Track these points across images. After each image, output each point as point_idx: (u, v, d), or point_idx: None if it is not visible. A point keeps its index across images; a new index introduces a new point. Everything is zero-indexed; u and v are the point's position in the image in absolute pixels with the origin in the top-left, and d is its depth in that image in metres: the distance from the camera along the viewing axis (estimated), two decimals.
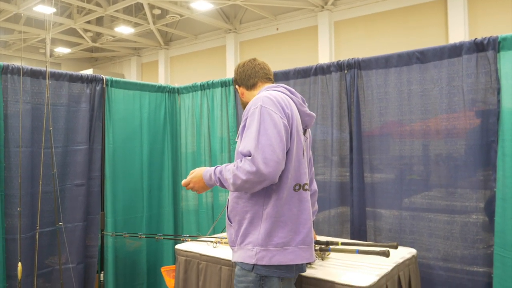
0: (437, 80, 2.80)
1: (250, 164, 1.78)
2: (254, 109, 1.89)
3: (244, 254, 1.92)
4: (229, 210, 2.04)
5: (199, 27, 14.68)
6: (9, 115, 3.03)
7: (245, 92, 2.25)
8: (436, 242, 2.79)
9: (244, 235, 1.94)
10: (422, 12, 10.41)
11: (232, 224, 2.01)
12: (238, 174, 1.81)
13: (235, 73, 2.30)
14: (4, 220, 3.01)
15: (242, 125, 1.94)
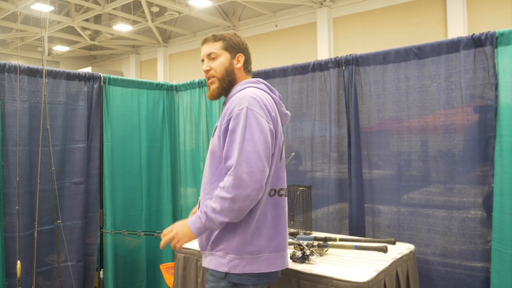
0: (435, 76, 2.80)
1: (232, 179, 1.68)
2: (239, 110, 1.75)
3: (216, 261, 1.84)
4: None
5: (197, 25, 14.66)
6: (7, 113, 3.03)
7: (239, 69, 1.99)
8: (435, 238, 2.79)
9: (216, 241, 1.84)
10: (421, 8, 10.40)
11: None
12: (223, 195, 1.69)
13: (237, 38, 2.03)
14: (3, 219, 3.01)
15: (225, 126, 1.77)
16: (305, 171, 3.53)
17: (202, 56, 2.00)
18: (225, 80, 1.94)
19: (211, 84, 1.96)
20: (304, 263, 2.36)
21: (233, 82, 1.96)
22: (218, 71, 1.94)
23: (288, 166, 3.51)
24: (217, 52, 1.95)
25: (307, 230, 3.05)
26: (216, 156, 1.83)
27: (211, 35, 1.99)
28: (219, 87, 1.95)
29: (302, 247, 2.41)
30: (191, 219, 1.80)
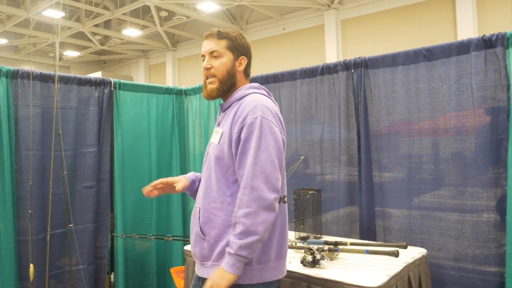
0: (445, 77, 2.78)
1: (249, 191, 1.64)
2: (253, 119, 1.71)
3: None
4: (202, 221, 1.82)
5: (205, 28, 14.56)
6: (20, 118, 3.07)
7: (240, 72, 1.92)
8: (447, 242, 2.76)
9: (222, 253, 1.75)
10: (429, 8, 10.34)
11: (207, 238, 1.79)
12: (244, 212, 1.64)
13: (243, 39, 1.93)
14: (16, 222, 3.05)
15: (237, 135, 1.73)
16: (314, 174, 3.52)
17: (204, 52, 1.90)
18: (226, 83, 1.87)
19: (210, 84, 1.87)
20: (315, 267, 2.35)
21: (233, 85, 1.89)
22: (219, 71, 1.86)
23: (296, 170, 3.50)
24: (220, 51, 1.86)
25: (317, 234, 3.04)
26: (223, 163, 1.78)
27: (217, 31, 1.88)
28: (219, 89, 1.87)
29: (312, 251, 2.41)
30: (222, 262, 1.69)
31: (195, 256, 1.88)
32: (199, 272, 1.87)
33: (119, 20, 15.06)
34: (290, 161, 3.63)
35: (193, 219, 1.89)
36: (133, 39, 15.57)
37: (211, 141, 1.89)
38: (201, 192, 1.86)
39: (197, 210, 1.86)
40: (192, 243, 1.88)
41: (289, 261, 2.48)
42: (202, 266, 1.84)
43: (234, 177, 1.77)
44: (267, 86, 3.77)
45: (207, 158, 1.90)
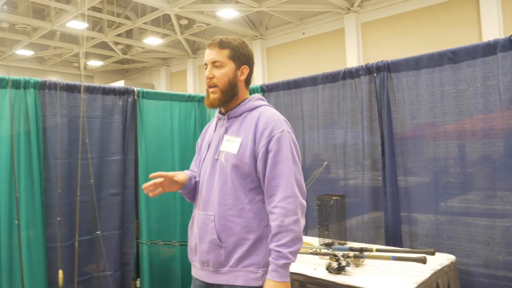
0: (471, 80, 2.73)
1: (293, 200, 1.72)
2: (280, 133, 1.79)
3: (247, 276, 1.78)
4: (219, 229, 1.82)
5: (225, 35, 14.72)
6: (48, 128, 3.14)
7: (242, 81, 1.95)
8: (476, 248, 2.70)
9: (243, 257, 1.79)
10: (452, 9, 10.16)
11: (224, 245, 1.81)
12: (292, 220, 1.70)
13: (245, 48, 1.95)
14: (45, 229, 3.12)
15: (265, 148, 1.78)
16: (337, 179, 3.50)
17: (206, 61, 1.93)
18: (228, 93, 1.89)
19: (212, 93, 1.90)
20: (340, 274, 2.33)
21: (235, 95, 1.92)
22: (221, 81, 1.88)
23: (320, 175, 3.49)
24: (222, 61, 1.89)
25: (341, 240, 3.01)
26: (241, 172, 1.81)
27: (219, 40, 1.91)
28: (221, 99, 1.89)
29: (337, 257, 2.39)
30: (271, 276, 1.71)
31: (206, 264, 1.87)
32: (211, 279, 1.87)
33: (140, 29, 15.32)
34: (312, 166, 3.62)
35: (203, 227, 1.88)
36: (154, 48, 15.81)
37: (224, 149, 1.87)
38: (215, 200, 1.85)
39: (210, 218, 1.85)
40: (204, 251, 1.87)
41: (314, 268, 2.46)
42: (216, 273, 1.85)
43: (251, 185, 1.82)
44: (288, 91, 3.78)
45: (218, 166, 1.87)
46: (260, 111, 1.88)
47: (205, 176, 1.93)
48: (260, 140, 1.79)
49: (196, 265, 1.94)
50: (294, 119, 3.75)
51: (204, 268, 1.89)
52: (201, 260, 1.89)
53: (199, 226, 1.90)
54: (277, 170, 1.75)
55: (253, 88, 4.00)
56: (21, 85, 3.03)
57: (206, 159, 1.96)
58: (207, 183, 1.91)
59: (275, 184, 1.74)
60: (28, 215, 2.99)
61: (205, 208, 1.89)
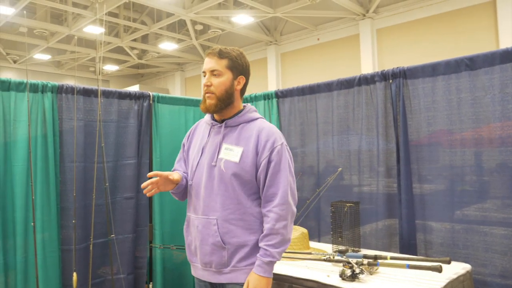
0: (489, 87, 2.70)
1: (286, 207, 1.89)
2: (280, 146, 1.95)
3: (247, 274, 1.93)
4: (222, 232, 1.94)
5: (240, 40, 14.90)
6: (64, 132, 3.19)
7: (238, 91, 2.04)
8: (493, 258, 2.65)
9: (245, 257, 1.94)
10: (469, 15, 10.05)
11: (226, 246, 1.94)
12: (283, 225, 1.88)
13: (243, 59, 2.04)
14: (60, 232, 3.15)
15: (268, 159, 1.92)
16: (350, 186, 3.48)
17: (205, 69, 2.02)
18: (224, 101, 1.99)
19: (209, 99, 1.99)
20: (354, 281, 2.31)
21: (231, 103, 2.02)
22: (218, 90, 1.97)
23: (334, 181, 3.47)
24: (220, 70, 1.98)
25: (355, 247, 2.98)
26: (242, 179, 1.93)
27: (218, 50, 2.00)
28: (216, 105, 1.99)
29: (351, 265, 2.37)
30: (256, 270, 1.88)
31: (209, 265, 1.98)
32: (215, 279, 2.00)
33: (156, 35, 15.48)
34: (326, 172, 3.60)
35: (205, 230, 1.97)
36: (170, 53, 15.95)
37: (224, 157, 1.96)
38: (217, 204, 1.95)
39: (212, 221, 1.95)
40: (206, 253, 1.97)
41: (328, 275, 2.45)
42: (219, 273, 1.98)
43: (251, 190, 1.96)
44: (303, 97, 3.78)
45: (217, 172, 1.96)
46: (259, 124, 2.01)
47: (201, 181, 2.01)
48: (263, 152, 1.93)
49: (197, 265, 2.05)
50: (309, 125, 3.75)
51: (207, 269, 2.00)
52: (203, 262, 2.00)
53: (200, 230, 1.99)
54: (276, 179, 1.91)
55: (268, 93, 4.00)
56: (39, 89, 3.08)
57: (201, 164, 2.04)
58: (205, 188, 1.99)
59: (273, 192, 1.91)
60: (43, 218, 3.03)
61: (205, 213, 1.98)
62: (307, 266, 2.68)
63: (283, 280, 2.52)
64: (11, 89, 2.97)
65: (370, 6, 11.46)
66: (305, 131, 3.79)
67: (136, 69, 19.63)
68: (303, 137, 3.80)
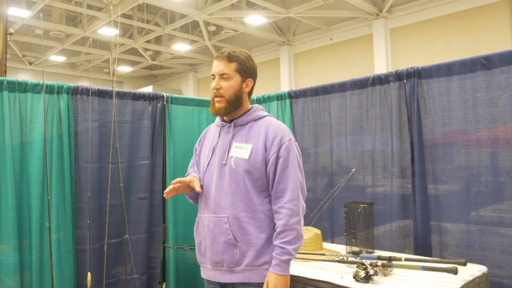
0: (505, 86, 2.65)
1: (296, 203, 1.91)
2: (288, 142, 1.97)
3: (261, 274, 1.94)
4: (233, 229, 1.96)
5: (253, 41, 14.92)
6: (79, 132, 3.22)
7: (246, 93, 2.09)
8: (510, 260, 2.61)
9: (257, 256, 1.95)
10: (484, 14, 9.90)
11: (239, 244, 1.95)
12: (295, 220, 1.89)
13: (251, 62, 2.10)
14: (75, 232, 3.19)
15: (276, 155, 1.94)
16: (364, 186, 3.45)
17: (214, 72, 2.06)
18: (233, 104, 2.03)
19: (218, 102, 2.04)
20: (368, 283, 2.29)
21: (240, 105, 2.06)
22: (228, 93, 2.02)
23: (347, 182, 3.45)
24: (230, 74, 2.02)
25: (369, 249, 2.96)
26: (253, 176, 1.96)
27: (227, 53, 2.03)
28: (226, 108, 2.03)
29: (365, 266, 2.35)
30: (274, 269, 1.89)
31: (220, 264, 1.99)
32: (226, 279, 1.99)
33: (169, 36, 15.58)
34: (340, 173, 3.58)
35: (216, 228, 1.99)
36: (183, 54, 16.04)
37: (234, 155, 1.99)
38: (227, 202, 1.97)
39: (223, 219, 1.97)
40: (218, 251, 1.98)
41: (341, 276, 2.43)
42: (231, 272, 1.98)
43: (262, 188, 1.98)
44: (316, 97, 3.76)
45: (227, 170, 1.99)
46: (267, 121, 2.05)
47: (212, 180, 2.04)
48: (271, 148, 1.96)
49: (207, 266, 2.05)
50: (322, 125, 3.73)
51: (218, 268, 2.00)
52: (214, 261, 2.00)
53: (211, 229, 2.01)
54: (285, 175, 1.93)
55: (281, 94, 4.00)
56: (54, 90, 3.12)
57: (211, 164, 2.07)
58: (216, 186, 2.01)
59: (283, 187, 1.92)
60: (58, 218, 3.07)
61: (216, 211, 2.00)
62: (320, 267, 2.67)
63: (296, 281, 2.51)
64: (27, 90, 3.02)
65: (384, 6, 11.38)
66: (318, 132, 3.77)
67: (149, 70, 19.78)
68: (316, 137, 3.79)
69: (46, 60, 16.26)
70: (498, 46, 3.50)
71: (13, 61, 16.28)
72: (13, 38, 14.07)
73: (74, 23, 14.55)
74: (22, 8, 11.53)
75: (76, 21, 14.48)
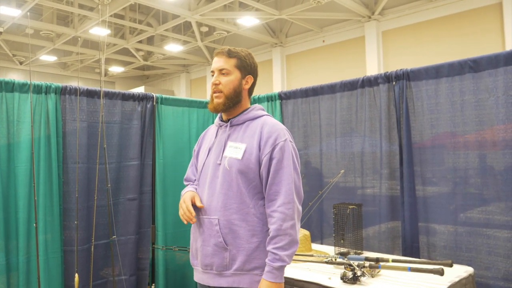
0: (492, 89, 2.68)
1: (291, 206, 1.82)
2: (283, 142, 1.89)
3: (252, 279, 1.87)
4: (224, 232, 1.89)
5: (245, 42, 14.93)
6: (67, 133, 3.20)
7: (246, 90, 2.04)
8: (496, 261, 2.63)
9: (248, 260, 1.87)
10: (475, 18, 10.00)
11: (229, 248, 1.88)
12: (290, 224, 1.80)
13: (251, 59, 2.05)
14: (63, 233, 3.16)
15: (270, 155, 1.87)
16: (354, 188, 3.46)
17: (213, 68, 2.02)
18: (232, 100, 1.98)
19: (217, 98, 1.98)
20: (355, 284, 2.29)
21: (239, 102, 2.01)
22: (227, 88, 1.97)
23: (337, 183, 3.46)
24: (229, 69, 1.98)
25: (357, 250, 2.97)
26: (246, 177, 1.89)
27: (227, 50, 2.00)
28: (224, 104, 1.98)
29: (353, 267, 2.35)
30: (266, 276, 1.80)
31: (209, 267, 1.93)
32: (214, 282, 1.93)
33: (161, 36, 15.54)
34: (329, 174, 3.59)
35: (207, 231, 1.92)
36: (175, 54, 16.01)
37: (228, 155, 1.94)
38: (219, 204, 1.90)
39: (214, 221, 1.90)
40: (207, 254, 1.92)
41: (329, 277, 2.44)
42: (220, 276, 1.91)
43: (255, 190, 1.90)
44: (306, 99, 3.77)
45: (221, 171, 1.93)
46: (263, 120, 1.98)
47: (206, 181, 1.99)
48: (265, 148, 1.89)
49: (198, 269, 2.00)
50: (312, 127, 3.74)
51: (207, 271, 1.94)
52: (204, 264, 1.94)
53: (203, 230, 1.95)
54: (279, 176, 1.85)
55: (272, 95, 4.00)
56: (42, 90, 3.10)
57: (206, 164, 2.02)
58: (209, 187, 1.96)
59: (276, 190, 1.84)
60: (46, 218, 3.04)
61: (208, 213, 1.94)
62: (308, 268, 2.67)
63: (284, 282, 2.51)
64: (14, 90, 2.98)
65: (376, 8, 11.44)
66: (308, 133, 3.78)
67: (141, 71, 19.71)
68: (306, 139, 3.79)
69: (36, 59, 16.14)
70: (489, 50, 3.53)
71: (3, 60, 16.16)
72: (3, 38, 13.95)
73: (65, 23, 14.45)
74: (12, 7, 11.44)
75: (67, 21, 14.38)
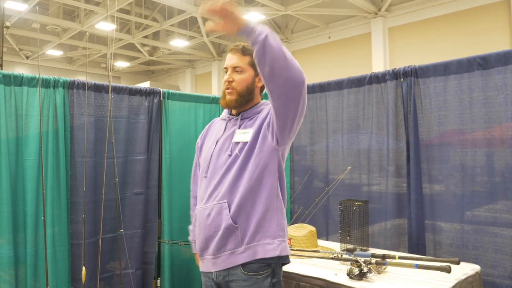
0: (502, 86, 2.66)
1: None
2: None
3: (264, 248, 1.82)
4: (233, 215, 1.86)
5: None
6: (75, 127, 3.21)
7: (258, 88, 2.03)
8: (503, 259, 2.62)
9: (257, 231, 1.83)
10: (482, 15, 9.92)
11: (238, 225, 1.85)
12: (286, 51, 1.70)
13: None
14: (70, 226, 3.18)
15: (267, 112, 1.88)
16: (360, 185, 3.46)
17: (227, 65, 2.00)
18: (244, 97, 1.97)
19: (229, 94, 1.97)
20: (362, 280, 2.30)
21: (251, 100, 2.00)
22: (240, 86, 1.96)
23: (342, 180, 3.45)
24: (243, 67, 1.96)
25: (363, 246, 2.97)
26: (254, 157, 1.87)
27: (241, 47, 1.97)
28: (237, 101, 1.96)
29: (359, 263, 2.36)
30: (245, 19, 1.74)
31: (223, 249, 1.87)
32: (230, 263, 1.87)
33: (167, 32, 15.53)
34: (336, 171, 3.59)
35: (218, 216, 1.88)
36: (180, 50, 16.00)
37: (236, 140, 1.93)
38: (227, 188, 1.87)
39: (223, 205, 1.87)
40: (221, 237, 1.87)
41: (335, 273, 2.44)
42: (234, 255, 1.86)
43: (264, 171, 1.85)
44: (313, 95, 3.76)
45: (231, 159, 1.91)
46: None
47: (213, 169, 1.96)
48: (266, 116, 1.89)
49: (208, 258, 1.94)
50: (318, 123, 3.73)
51: (220, 254, 1.88)
52: (217, 247, 1.88)
53: (213, 217, 1.90)
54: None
55: None
56: (50, 84, 3.11)
57: (214, 154, 1.99)
58: (216, 174, 1.94)
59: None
60: (53, 212, 3.06)
61: (217, 199, 1.90)
62: (315, 264, 2.68)
63: (290, 277, 2.52)
64: (23, 84, 3.00)
65: (382, 5, 11.37)
66: (314, 130, 3.77)
67: (147, 66, 19.72)
68: (313, 135, 3.79)
69: (43, 54, 16.18)
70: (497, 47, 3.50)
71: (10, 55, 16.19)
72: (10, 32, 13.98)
73: (71, 17, 14.47)
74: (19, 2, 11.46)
75: (74, 15, 14.39)
